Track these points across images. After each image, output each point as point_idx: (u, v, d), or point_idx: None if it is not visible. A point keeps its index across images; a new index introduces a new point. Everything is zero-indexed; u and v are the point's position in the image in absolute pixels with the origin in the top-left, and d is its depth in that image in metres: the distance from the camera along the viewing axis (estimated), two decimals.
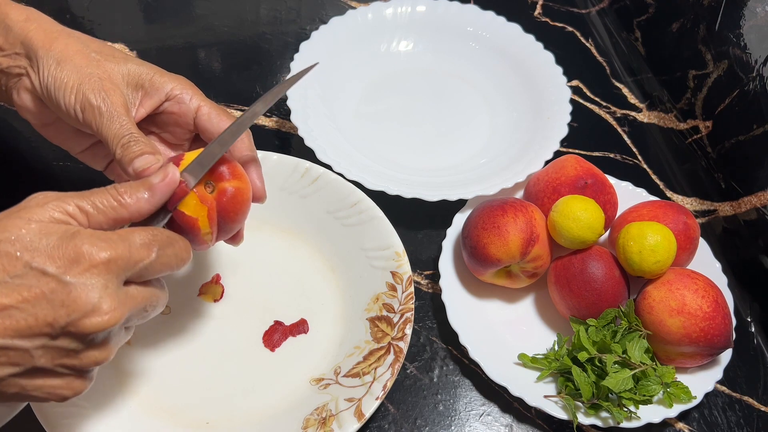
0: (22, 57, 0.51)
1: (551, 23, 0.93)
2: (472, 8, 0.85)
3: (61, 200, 0.40)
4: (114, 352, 0.41)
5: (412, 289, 0.59)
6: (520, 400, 0.57)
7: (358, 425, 0.52)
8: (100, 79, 0.49)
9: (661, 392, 0.57)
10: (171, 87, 0.52)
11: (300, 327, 0.60)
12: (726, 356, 0.60)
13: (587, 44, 0.91)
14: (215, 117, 0.52)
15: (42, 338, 0.37)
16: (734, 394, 0.62)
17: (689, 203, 0.76)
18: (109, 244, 0.39)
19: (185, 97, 0.52)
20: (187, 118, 0.53)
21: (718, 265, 0.65)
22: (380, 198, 0.65)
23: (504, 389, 0.57)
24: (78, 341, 0.39)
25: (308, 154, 0.67)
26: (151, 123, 0.55)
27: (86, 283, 0.38)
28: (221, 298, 0.62)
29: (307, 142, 0.68)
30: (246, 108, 0.78)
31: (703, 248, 0.66)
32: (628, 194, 0.70)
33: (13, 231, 0.38)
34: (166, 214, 0.45)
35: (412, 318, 0.57)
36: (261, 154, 0.65)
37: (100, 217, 0.41)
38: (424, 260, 0.67)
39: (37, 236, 0.38)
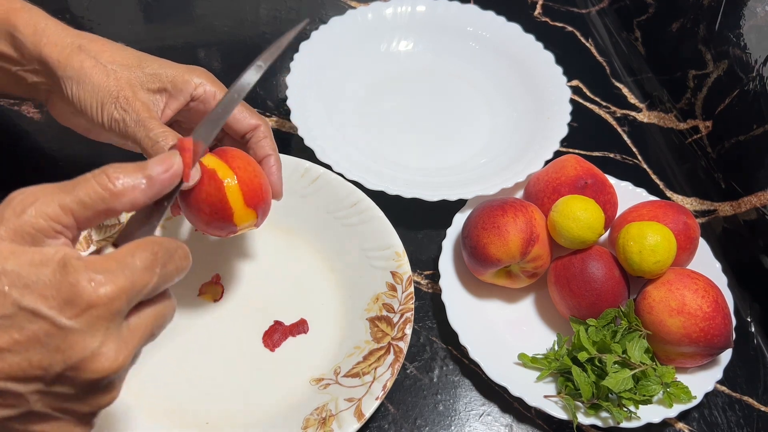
0: (42, 74, 0.52)
1: (551, 23, 0.93)
2: (472, 8, 0.85)
3: (42, 203, 0.35)
4: (120, 391, 0.38)
5: (412, 289, 0.59)
6: (520, 400, 0.57)
7: (358, 425, 0.52)
8: (117, 92, 0.50)
9: (661, 392, 0.57)
10: (194, 86, 0.54)
11: (300, 327, 0.60)
12: (726, 356, 0.60)
13: (587, 44, 0.91)
14: (239, 114, 0.55)
15: (36, 383, 0.34)
16: (734, 394, 0.62)
17: (689, 203, 0.76)
18: (107, 276, 0.34)
19: (209, 96, 0.54)
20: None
21: (718, 265, 0.65)
22: (380, 198, 0.64)
23: (504, 389, 0.57)
24: (78, 388, 0.35)
25: (308, 154, 0.67)
26: (178, 114, 0.56)
27: (84, 327, 0.33)
28: (221, 298, 0.62)
29: (307, 142, 0.68)
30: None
31: (703, 248, 0.66)
32: (628, 194, 0.70)
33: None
34: (164, 206, 0.41)
35: (412, 318, 0.57)
36: None
37: (87, 213, 0.36)
38: (424, 260, 0.67)
39: (26, 268, 0.33)
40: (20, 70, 0.52)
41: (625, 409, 0.56)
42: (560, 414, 0.56)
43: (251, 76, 0.48)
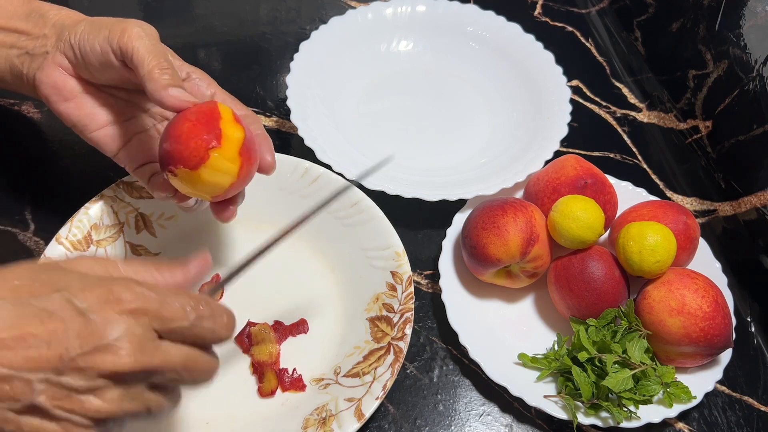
0: (49, 37, 0.53)
1: (551, 23, 0.93)
2: (472, 8, 0.85)
3: (107, 260, 0.40)
4: (120, 411, 0.36)
5: (412, 289, 0.59)
6: (520, 400, 0.57)
7: (358, 425, 0.52)
8: (138, 21, 0.52)
9: (661, 392, 0.57)
10: (190, 70, 0.55)
11: (300, 327, 0.60)
12: (726, 356, 0.60)
13: (587, 44, 0.91)
14: (230, 103, 0.55)
15: (48, 372, 0.34)
16: (734, 394, 0.62)
17: (689, 203, 0.76)
18: (141, 295, 0.37)
19: (202, 82, 0.55)
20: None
21: (718, 265, 0.65)
22: (380, 198, 0.64)
23: (504, 389, 0.57)
24: (84, 379, 0.35)
25: (308, 154, 0.67)
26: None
27: (108, 319, 0.35)
28: (221, 298, 0.62)
29: (307, 142, 0.68)
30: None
31: (703, 248, 0.66)
32: (628, 194, 0.70)
33: (56, 269, 0.38)
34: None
35: (412, 318, 0.57)
36: None
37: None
38: (424, 260, 0.67)
39: (76, 276, 0.37)
40: (26, 39, 0.54)
41: (625, 409, 0.56)
42: (560, 414, 0.56)
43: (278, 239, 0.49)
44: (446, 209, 0.67)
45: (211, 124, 0.48)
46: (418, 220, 0.69)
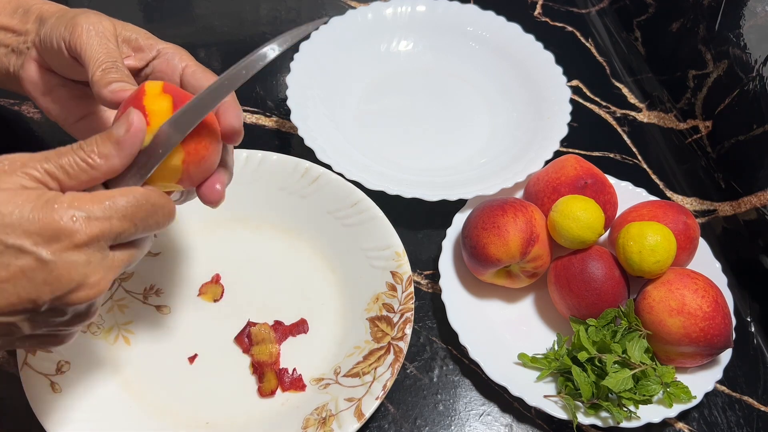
0: (30, 33, 0.53)
1: (551, 23, 0.93)
2: (472, 8, 0.85)
3: (28, 167, 0.38)
4: (98, 309, 0.42)
5: (412, 289, 0.59)
6: (520, 400, 0.57)
7: (358, 425, 0.52)
8: (90, 16, 0.50)
9: (661, 392, 0.57)
10: (163, 47, 0.53)
11: (300, 327, 0.60)
12: (726, 356, 0.60)
13: (587, 44, 0.91)
14: (200, 74, 0.51)
15: (26, 313, 0.37)
16: (734, 394, 0.62)
17: (689, 203, 0.76)
18: (88, 221, 0.37)
19: (174, 56, 0.52)
20: (174, 77, 0.52)
21: (718, 265, 0.65)
22: (380, 198, 0.65)
23: (504, 389, 0.57)
24: (63, 313, 0.39)
25: (308, 154, 0.67)
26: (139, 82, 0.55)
27: (68, 260, 0.37)
28: (221, 298, 0.62)
29: (307, 142, 0.68)
30: (246, 108, 0.78)
31: (703, 248, 0.66)
32: (628, 194, 0.70)
33: None
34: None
35: (412, 318, 0.57)
36: (260, 154, 0.66)
37: (72, 183, 0.39)
38: (424, 260, 0.67)
39: (8, 208, 0.36)
40: (12, 36, 0.54)
41: (625, 409, 0.56)
42: (560, 414, 0.56)
43: (239, 76, 0.46)
44: (446, 209, 0.67)
45: (134, 105, 0.43)
46: (418, 220, 0.69)
